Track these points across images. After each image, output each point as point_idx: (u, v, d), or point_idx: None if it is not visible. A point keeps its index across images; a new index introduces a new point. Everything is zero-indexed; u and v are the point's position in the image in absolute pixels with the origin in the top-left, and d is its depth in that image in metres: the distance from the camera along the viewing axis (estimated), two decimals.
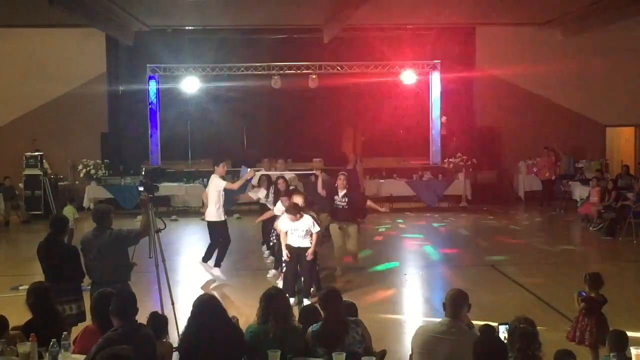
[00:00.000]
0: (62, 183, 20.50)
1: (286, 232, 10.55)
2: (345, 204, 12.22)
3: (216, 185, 12.26)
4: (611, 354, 5.90)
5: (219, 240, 12.07)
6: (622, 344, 5.86)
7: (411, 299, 11.06)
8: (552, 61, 20.93)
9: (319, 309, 6.28)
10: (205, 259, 12.03)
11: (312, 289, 10.52)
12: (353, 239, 12.26)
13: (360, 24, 18.57)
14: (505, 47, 21.26)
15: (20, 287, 10.32)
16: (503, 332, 5.88)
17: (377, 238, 16.15)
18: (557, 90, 21.42)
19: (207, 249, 12.14)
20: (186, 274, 12.54)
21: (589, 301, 7.38)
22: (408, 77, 21.40)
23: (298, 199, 10.77)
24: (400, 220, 18.48)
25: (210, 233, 12.26)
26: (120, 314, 5.75)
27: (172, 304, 8.35)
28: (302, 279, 10.73)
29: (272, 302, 6.14)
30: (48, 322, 6.59)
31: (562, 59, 20.85)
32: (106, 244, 7.75)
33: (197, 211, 19.51)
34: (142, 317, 6.07)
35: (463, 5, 17.56)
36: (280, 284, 10.74)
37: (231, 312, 6.47)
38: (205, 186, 19.54)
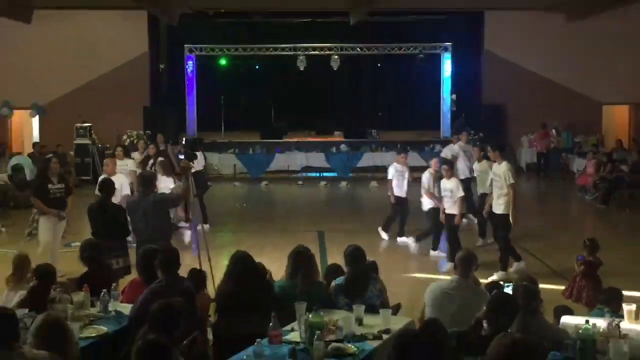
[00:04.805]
0: (108, 152, 20.60)
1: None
2: None
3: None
4: (606, 309, 5.92)
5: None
6: (617, 300, 5.89)
7: (424, 259, 11.07)
8: (555, 43, 20.71)
9: (345, 264, 6.33)
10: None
11: None
12: None
13: (382, 8, 18.28)
14: (511, 30, 21.01)
15: (73, 244, 10.40)
16: (508, 290, 5.92)
17: None
18: (558, 70, 21.17)
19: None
20: (221, 233, 12.62)
21: (588, 264, 7.40)
22: (423, 57, 21.28)
23: None
24: None
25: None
26: (164, 267, 5.81)
27: (209, 260, 8.42)
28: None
29: (300, 259, 6.19)
30: (100, 274, 6.70)
31: (565, 42, 20.60)
32: (150, 206, 7.83)
33: (229, 178, 19.66)
34: (181, 272, 6.14)
35: None
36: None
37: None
38: (237, 156, 19.73)
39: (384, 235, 12.11)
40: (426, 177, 10.95)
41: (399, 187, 11.90)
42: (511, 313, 4.76)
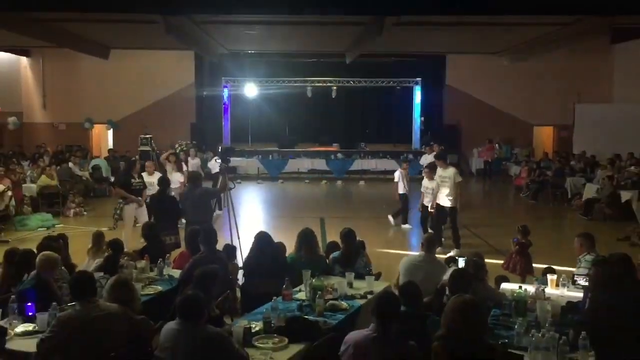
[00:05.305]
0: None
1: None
2: None
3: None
4: (534, 279, 5.92)
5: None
6: (550, 274, 5.89)
7: (399, 239, 11.07)
8: (499, 80, 20.67)
9: (340, 242, 6.33)
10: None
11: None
12: None
13: (369, 52, 18.18)
14: (466, 69, 20.98)
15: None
16: (461, 263, 5.91)
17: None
18: (501, 100, 21.13)
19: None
20: (247, 218, 12.62)
21: (521, 244, 7.40)
22: (399, 89, 21.23)
23: None
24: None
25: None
26: (206, 243, 5.83)
27: (238, 238, 8.42)
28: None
29: (305, 238, 6.19)
30: (156, 247, 6.71)
31: (506, 79, 20.56)
32: (197, 197, 7.84)
33: (254, 177, 19.64)
34: (217, 247, 6.13)
35: (437, 39, 17.24)
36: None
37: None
38: (260, 160, 19.60)
39: (392, 221, 11.97)
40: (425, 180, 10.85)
41: (403, 186, 11.86)
42: (467, 285, 4.74)
